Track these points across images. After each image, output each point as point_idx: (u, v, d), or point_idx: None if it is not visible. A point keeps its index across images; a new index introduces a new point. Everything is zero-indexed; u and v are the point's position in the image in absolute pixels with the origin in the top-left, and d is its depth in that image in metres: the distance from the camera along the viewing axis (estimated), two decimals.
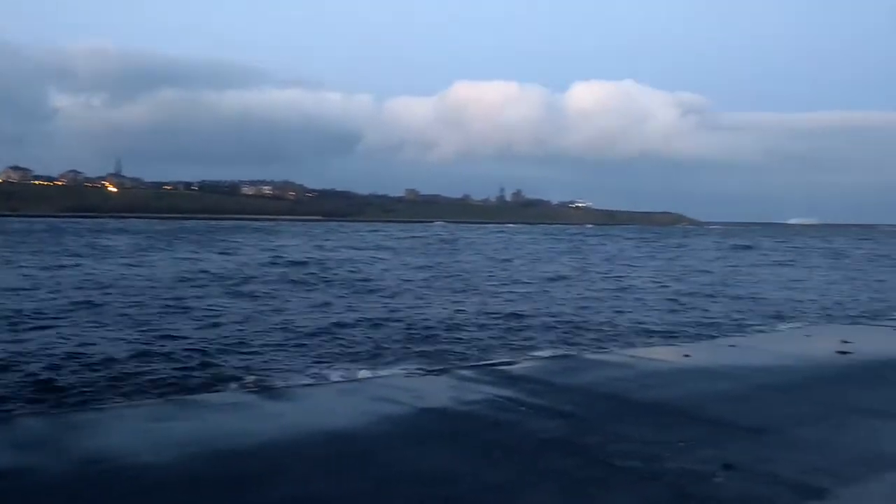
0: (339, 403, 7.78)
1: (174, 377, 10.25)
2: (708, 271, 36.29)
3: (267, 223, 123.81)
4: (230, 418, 6.99)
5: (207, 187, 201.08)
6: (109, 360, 11.15)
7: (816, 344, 11.69)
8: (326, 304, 20.14)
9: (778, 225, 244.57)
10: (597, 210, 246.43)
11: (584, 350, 11.88)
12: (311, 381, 9.86)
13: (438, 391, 8.11)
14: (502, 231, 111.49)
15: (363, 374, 9.99)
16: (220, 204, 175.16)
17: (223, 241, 57.04)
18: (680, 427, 6.80)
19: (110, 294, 20.33)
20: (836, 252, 61.57)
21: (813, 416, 7.22)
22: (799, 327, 16.29)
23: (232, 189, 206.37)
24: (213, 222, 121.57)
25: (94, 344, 12.55)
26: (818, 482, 5.40)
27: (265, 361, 11.74)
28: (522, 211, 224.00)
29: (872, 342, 11.79)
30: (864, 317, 18.81)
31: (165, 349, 12.25)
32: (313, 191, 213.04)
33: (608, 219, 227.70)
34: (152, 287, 22.44)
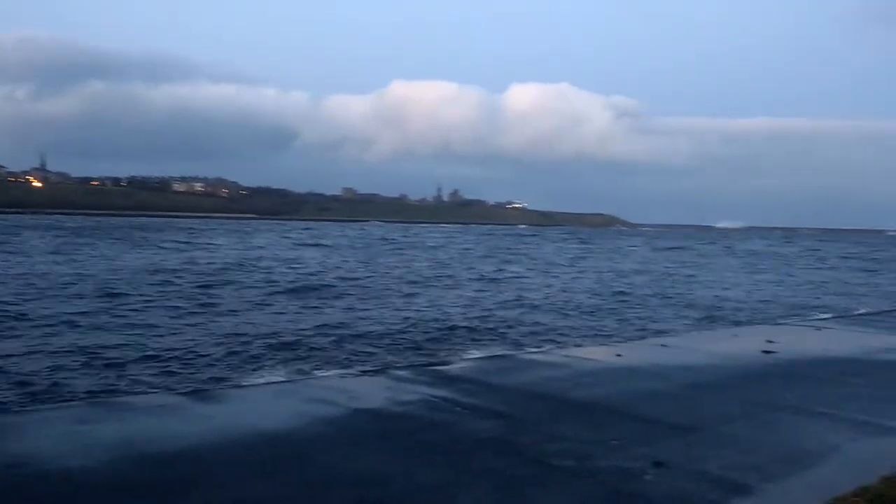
0: (272, 405, 7.64)
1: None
2: (641, 271, 37.08)
3: (196, 221, 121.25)
4: (159, 421, 6.79)
5: (137, 183, 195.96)
6: None
7: (743, 343, 12.02)
8: (262, 304, 19.87)
9: (706, 228, 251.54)
10: (533, 211, 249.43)
11: (520, 350, 11.98)
12: (242, 382, 9.68)
13: (374, 392, 8.04)
14: (434, 232, 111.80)
15: (297, 375, 9.86)
16: (149, 201, 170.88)
17: (145, 239, 55.63)
18: (613, 426, 6.90)
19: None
20: (759, 253, 63.69)
21: (739, 414, 7.42)
22: (727, 327, 16.79)
23: (162, 185, 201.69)
24: (144, 219, 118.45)
25: None
26: (744, 479, 5.55)
27: (184, 365, 11.51)
28: (459, 211, 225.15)
29: (795, 341, 12.18)
30: (793, 315, 19.50)
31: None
32: (247, 188, 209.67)
33: (544, 219, 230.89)
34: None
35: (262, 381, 9.87)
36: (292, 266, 34.11)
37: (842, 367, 10.01)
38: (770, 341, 11.83)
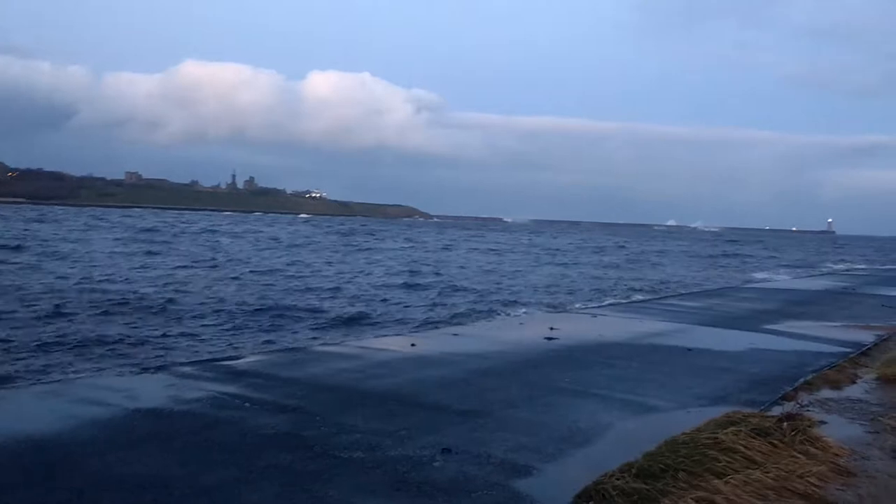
0: (36, 407, 6.94)
1: None
2: (431, 263, 38.02)
3: None
4: None
5: None
6: None
7: (528, 330, 12.66)
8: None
9: (498, 220, 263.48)
10: (332, 201, 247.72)
11: (314, 342, 11.80)
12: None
13: (154, 390, 7.55)
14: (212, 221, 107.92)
15: (65, 374, 9.02)
16: None
17: None
18: (403, 415, 6.96)
19: None
20: (547, 246, 67.72)
21: (522, 398, 7.77)
22: (515, 316, 17.61)
23: None
24: None
25: None
26: (525, 460, 5.81)
27: None
28: (255, 200, 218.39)
29: (574, 328, 13.01)
30: (590, 300, 20.81)
31: None
32: (16, 170, 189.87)
33: (343, 209, 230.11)
34: None
35: (26, 382, 8.93)
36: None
37: (614, 351, 10.80)
38: (552, 328, 12.55)
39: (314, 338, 13.51)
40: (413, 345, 10.63)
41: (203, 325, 15.20)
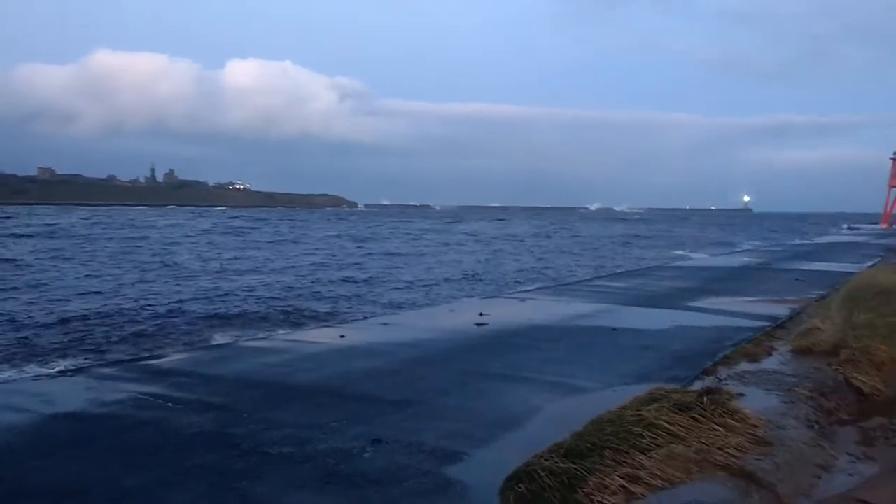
0: None
1: None
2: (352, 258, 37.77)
3: None
4: None
5: None
6: None
7: (459, 317, 12.71)
8: None
9: (426, 207, 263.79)
10: (256, 192, 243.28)
11: (240, 338, 11.57)
12: None
13: (73, 394, 7.29)
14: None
15: None
16: None
17: None
18: (334, 407, 6.90)
19: None
20: (474, 232, 68.21)
21: (453, 385, 7.80)
22: (446, 302, 17.67)
23: None
24: None
25: None
26: (456, 446, 5.83)
27: None
28: (175, 193, 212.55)
29: (504, 313, 13.13)
30: (520, 284, 21.01)
31: None
32: None
33: (268, 201, 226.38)
34: None
35: None
36: None
37: (543, 334, 10.94)
38: (483, 314, 12.64)
39: (238, 335, 13.27)
40: (342, 336, 10.54)
41: (110, 327, 14.78)
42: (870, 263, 24.53)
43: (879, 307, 9.82)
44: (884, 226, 77.07)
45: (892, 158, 79.49)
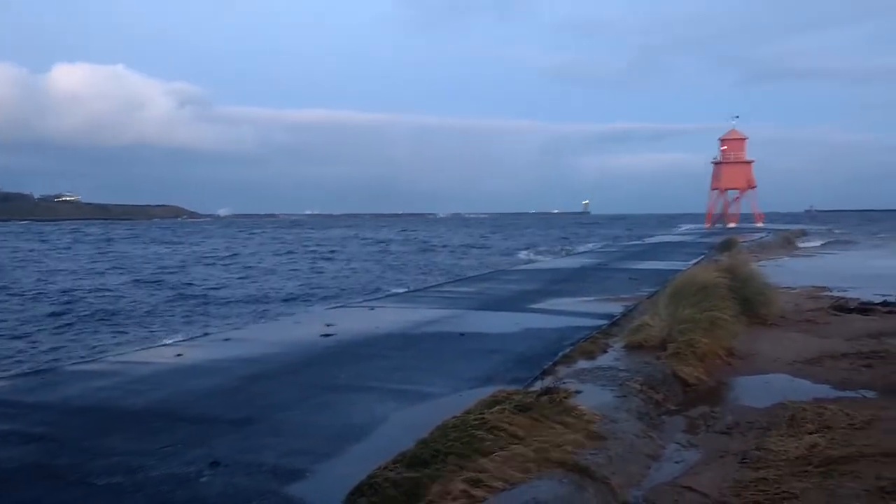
0: None
1: None
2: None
3: None
4: None
5: None
6: None
7: (304, 329, 12.45)
8: None
9: (272, 217, 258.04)
10: (88, 204, 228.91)
11: (64, 363, 10.76)
12: None
13: None
14: None
15: None
16: None
17: None
18: (169, 431, 6.55)
19: None
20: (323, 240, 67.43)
21: (296, 400, 7.60)
22: (290, 314, 17.30)
23: None
24: None
25: None
26: (298, 464, 5.68)
27: None
28: None
29: (351, 322, 13.00)
30: (370, 293, 20.84)
31: None
32: None
33: (102, 213, 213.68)
34: None
35: None
36: None
37: (390, 342, 10.93)
38: (329, 324, 12.46)
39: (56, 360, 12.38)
40: (179, 354, 10.04)
41: None
42: (694, 261, 26.35)
43: (700, 302, 10.55)
44: (707, 225, 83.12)
45: (712, 163, 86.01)
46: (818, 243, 49.80)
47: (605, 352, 10.17)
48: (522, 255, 43.23)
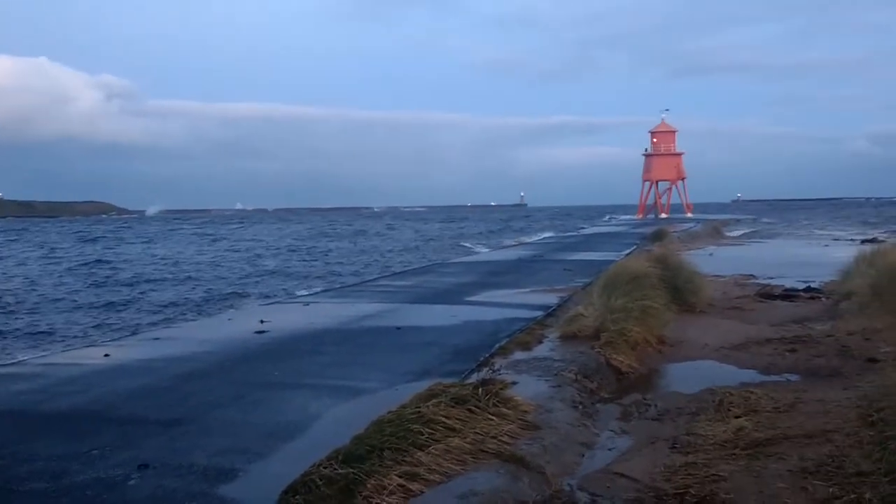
0: None
1: None
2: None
3: None
4: None
5: None
6: None
7: (238, 326, 12.23)
8: None
9: (205, 212, 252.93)
10: (11, 201, 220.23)
11: None
12: None
13: None
14: None
15: None
16: None
17: None
18: (94, 434, 6.34)
19: None
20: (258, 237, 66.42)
21: (228, 398, 7.45)
22: (224, 311, 16.99)
23: None
24: None
25: None
26: (230, 463, 5.57)
27: None
28: None
29: (286, 318, 12.82)
30: (304, 289, 20.56)
31: None
32: None
33: (25, 210, 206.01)
34: None
35: None
36: None
37: (326, 338, 10.81)
38: (263, 320, 12.25)
39: None
40: (107, 355, 9.73)
41: None
42: (627, 251, 26.85)
43: (632, 292, 10.74)
44: (640, 216, 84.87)
45: (643, 155, 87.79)
46: (745, 231, 51.44)
47: (541, 342, 10.27)
48: (460, 246, 43.40)
